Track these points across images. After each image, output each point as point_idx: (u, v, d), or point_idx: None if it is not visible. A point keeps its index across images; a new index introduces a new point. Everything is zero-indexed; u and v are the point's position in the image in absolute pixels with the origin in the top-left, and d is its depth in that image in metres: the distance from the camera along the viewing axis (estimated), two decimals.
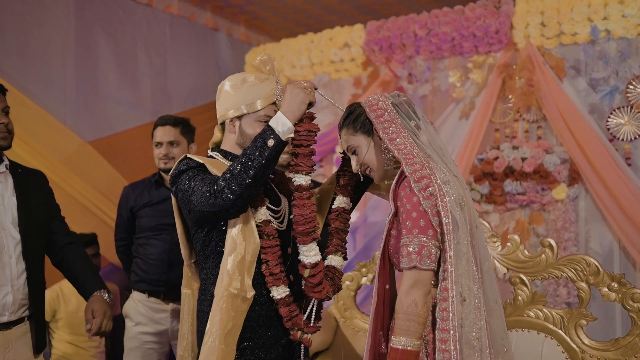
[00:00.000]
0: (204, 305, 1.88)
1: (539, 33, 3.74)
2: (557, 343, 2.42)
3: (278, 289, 1.84)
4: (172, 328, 2.97)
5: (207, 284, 1.89)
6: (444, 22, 4.03)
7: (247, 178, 1.71)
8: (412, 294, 1.59)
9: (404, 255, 1.61)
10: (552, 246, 2.49)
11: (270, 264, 1.83)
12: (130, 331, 3.01)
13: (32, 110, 3.65)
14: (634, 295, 2.32)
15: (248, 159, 1.73)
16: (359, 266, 2.98)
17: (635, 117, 3.46)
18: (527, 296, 2.51)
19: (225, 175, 1.74)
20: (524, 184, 3.62)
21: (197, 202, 1.76)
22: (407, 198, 1.64)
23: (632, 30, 3.50)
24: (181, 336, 2.09)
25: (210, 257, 1.88)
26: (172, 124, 3.04)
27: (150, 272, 2.98)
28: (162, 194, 3.04)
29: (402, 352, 1.57)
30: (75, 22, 4.00)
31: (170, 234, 2.95)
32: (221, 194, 1.71)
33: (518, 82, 3.77)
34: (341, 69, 4.56)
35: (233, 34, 5.34)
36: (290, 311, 1.84)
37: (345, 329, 2.94)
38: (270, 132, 1.75)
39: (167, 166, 2.99)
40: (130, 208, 3.06)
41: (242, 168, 1.72)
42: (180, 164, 1.88)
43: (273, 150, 1.74)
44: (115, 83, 4.27)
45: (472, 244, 1.66)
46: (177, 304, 2.95)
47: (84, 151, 3.95)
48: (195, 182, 1.79)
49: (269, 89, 1.92)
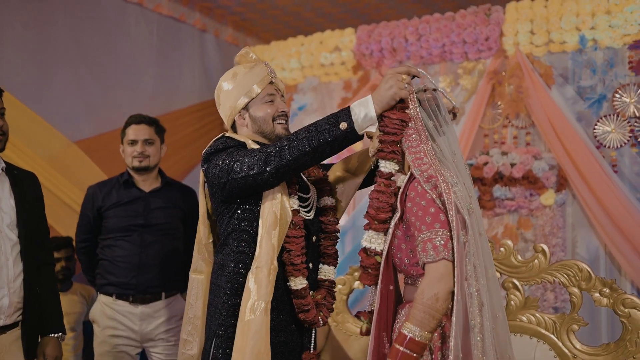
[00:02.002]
0: (220, 280, 1.89)
1: (528, 41, 3.80)
2: (550, 348, 2.44)
3: (296, 280, 1.85)
4: (142, 330, 2.90)
5: (227, 260, 1.88)
6: (434, 28, 4.06)
7: (308, 147, 1.69)
8: (437, 287, 1.57)
9: (428, 249, 1.60)
10: (545, 251, 2.51)
11: (292, 253, 1.83)
12: (99, 336, 2.92)
13: (18, 109, 3.58)
14: (625, 300, 2.35)
15: (316, 130, 1.70)
16: (351, 270, 2.98)
17: (621, 125, 3.53)
18: (519, 301, 2.53)
19: (290, 136, 1.73)
20: (513, 190, 3.67)
21: (247, 166, 1.74)
22: (420, 196, 1.64)
23: (618, 40, 3.57)
24: (186, 321, 2.08)
25: (233, 235, 1.88)
26: (147, 123, 2.99)
27: (118, 274, 2.89)
28: (132, 194, 2.97)
29: (409, 340, 1.56)
30: (64, 20, 3.94)
31: (141, 235, 2.91)
32: (280, 152, 1.70)
33: (507, 88, 3.82)
34: (331, 72, 4.57)
35: (221, 35, 5.31)
36: (303, 304, 1.84)
37: (337, 333, 2.93)
38: (347, 116, 1.70)
39: (142, 164, 2.94)
40: (97, 208, 2.96)
41: (307, 136, 1.69)
42: (218, 142, 1.89)
43: (343, 134, 1.69)
44: (102, 83, 4.21)
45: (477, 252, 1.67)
46: (147, 306, 2.90)
47: (70, 151, 3.89)
48: (239, 154, 1.78)
49: (261, 72, 1.96)
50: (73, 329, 3.53)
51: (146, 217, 2.94)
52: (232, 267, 1.86)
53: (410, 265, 1.71)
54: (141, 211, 2.95)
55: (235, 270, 1.86)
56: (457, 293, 1.57)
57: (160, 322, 2.94)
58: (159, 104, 4.63)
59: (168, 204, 3.01)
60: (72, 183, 3.77)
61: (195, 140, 4.92)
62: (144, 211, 2.95)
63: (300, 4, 4.98)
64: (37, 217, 2.31)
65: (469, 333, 1.58)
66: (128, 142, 2.96)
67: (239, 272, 1.86)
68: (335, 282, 2.05)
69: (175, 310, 2.99)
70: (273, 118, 1.97)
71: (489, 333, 1.61)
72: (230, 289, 1.86)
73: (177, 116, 4.76)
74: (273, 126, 1.96)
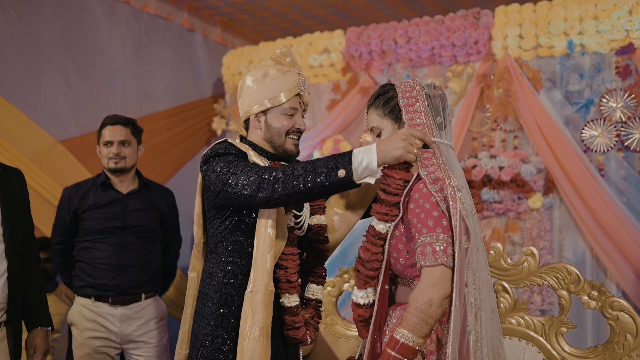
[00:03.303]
0: (209, 289, 1.86)
1: (517, 45, 3.82)
2: (538, 350, 2.45)
3: (290, 297, 1.82)
4: (122, 332, 2.88)
5: (216, 269, 1.86)
6: (424, 31, 4.07)
7: (303, 186, 1.64)
8: (431, 292, 1.55)
9: (428, 253, 1.58)
10: (535, 254, 2.52)
11: (289, 271, 1.80)
12: (77, 339, 2.89)
13: (3, 107, 3.53)
14: (613, 303, 2.37)
15: (313, 171, 1.65)
16: (340, 272, 2.97)
17: (607, 130, 3.57)
18: (509, 304, 2.54)
19: (286, 170, 1.68)
20: (501, 193, 3.68)
21: (240, 184, 1.70)
22: (424, 198, 1.63)
23: (605, 46, 3.60)
24: (183, 320, 2.06)
25: (223, 244, 1.85)
26: (123, 124, 2.97)
27: (96, 276, 2.87)
28: (109, 196, 2.94)
29: (401, 345, 1.55)
30: (52, 18, 3.88)
31: (119, 236, 2.89)
32: (274, 184, 1.66)
33: (496, 92, 3.84)
34: (320, 74, 4.56)
35: (209, 35, 5.28)
36: (294, 322, 1.82)
37: (326, 335, 2.91)
38: (347, 163, 1.62)
39: (117, 166, 2.92)
40: (74, 210, 2.94)
41: (304, 175, 1.64)
42: (219, 146, 1.85)
43: (339, 181, 1.63)
44: (89, 81, 4.16)
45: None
46: (126, 307, 2.88)
47: (56, 150, 3.84)
48: (237, 167, 1.74)
49: (292, 80, 1.89)
50: (57, 330, 3.48)
51: (124, 219, 2.92)
52: (221, 277, 1.83)
53: (405, 267, 1.70)
54: (119, 213, 2.93)
55: (224, 281, 1.84)
56: (456, 299, 1.55)
57: (141, 324, 2.92)
58: (146, 103, 4.59)
59: (146, 205, 2.99)
60: (57, 182, 3.71)
61: (182, 141, 4.88)
62: (122, 213, 2.93)
63: (289, 6, 4.96)
64: (22, 215, 2.27)
65: (465, 338, 1.57)
66: (103, 143, 2.94)
67: (228, 283, 1.84)
68: (322, 301, 2.03)
69: (155, 311, 2.98)
70: (287, 132, 1.91)
71: (486, 338, 1.61)
72: (219, 299, 1.83)
73: (164, 116, 4.72)
74: (284, 140, 1.91)
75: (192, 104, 4.94)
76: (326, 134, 4.43)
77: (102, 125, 2.98)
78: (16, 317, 2.19)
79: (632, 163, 3.51)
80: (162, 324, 3.03)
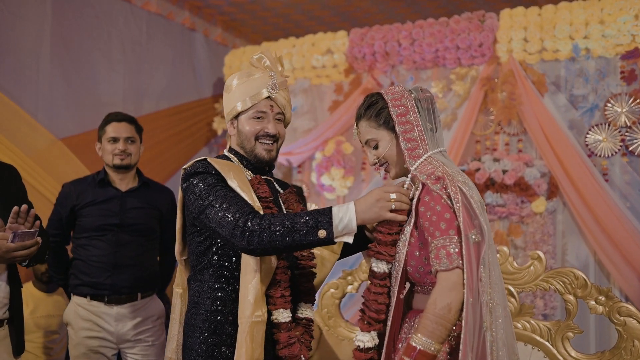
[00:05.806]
0: (195, 319, 1.80)
1: (522, 48, 3.81)
2: (544, 355, 2.43)
3: (283, 313, 1.76)
4: (118, 331, 2.83)
5: (203, 297, 1.80)
6: (428, 33, 4.05)
7: (280, 243, 1.61)
8: (449, 296, 1.52)
9: (442, 257, 1.55)
10: (541, 258, 2.50)
11: (282, 284, 1.76)
12: (73, 338, 2.83)
13: (3, 104, 3.49)
14: (621, 309, 2.35)
15: (292, 228, 1.61)
16: (344, 274, 2.94)
17: (612, 135, 3.56)
18: (515, 308, 2.52)
19: (262, 223, 1.63)
20: (504, 196, 3.67)
21: (217, 221, 1.66)
22: (435, 200, 1.60)
23: (610, 50, 3.60)
24: (170, 337, 1.99)
25: (209, 270, 1.81)
26: (129, 121, 2.94)
27: (92, 274, 2.81)
28: (108, 193, 2.90)
29: (419, 352, 1.51)
30: (52, 15, 3.85)
31: (116, 234, 2.85)
32: (249, 236, 1.62)
33: (500, 95, 3.82)
34: (322, 75, 4.54)
35: (210, 35, 5.25)
36: (290, 337, 1.77)
37: (329, 337, 2.88)
38: (327, 223, 1.59)
39: (123, 162, 2.88)
40: (71, 207, 2.89)
41: (282, 231, 1.60)
42: (199, 164, 1.81)
43: (318, 241, 1.61)
44: (89, 80, 4.14)
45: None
46: (122, 307, 2.84)
47: (55, 148, 3.82)
48: (216, 196, 1.70)
49: (260, 83, 1.87)
50: (56, 332, 3.45)
51: (122, 217, 2.88)
52: (209, 304, 1.78)
53: (424, 274, 1.67)
54: (117, 210, 2.88)
55: (212, 309, 1.78)
56: (468, 296, 1.53)
57: (137, 323, 2.88)
58: (146, 102, 4.56)
59: (144, 204, 2.95)
60: (57, 180, 3.68)
61: (182, 141, 4.85)
62: (120, 211, 2.89)
63: (291, 6, 4.94)
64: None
65: (481, 335, 1.54)
66: (108, 140, 2.89)
67: (217, 310, 1.78)
68: (313, 320, 1.96)
69: (151, 310, 2.94)
70: (256, 137, 1.88)
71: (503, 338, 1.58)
72: (208, 329, 1.77)
73: (164, 115, 4.69)
74: (254, 145, 1.88)
75: (192, 104, 4.91)
76: (328, 135, 4.41)
77: (105, 122, 2.94)
78: (18, 314, 2.16)
79: (636, 168, 3.51)
80: (159, 323, 2.99)
